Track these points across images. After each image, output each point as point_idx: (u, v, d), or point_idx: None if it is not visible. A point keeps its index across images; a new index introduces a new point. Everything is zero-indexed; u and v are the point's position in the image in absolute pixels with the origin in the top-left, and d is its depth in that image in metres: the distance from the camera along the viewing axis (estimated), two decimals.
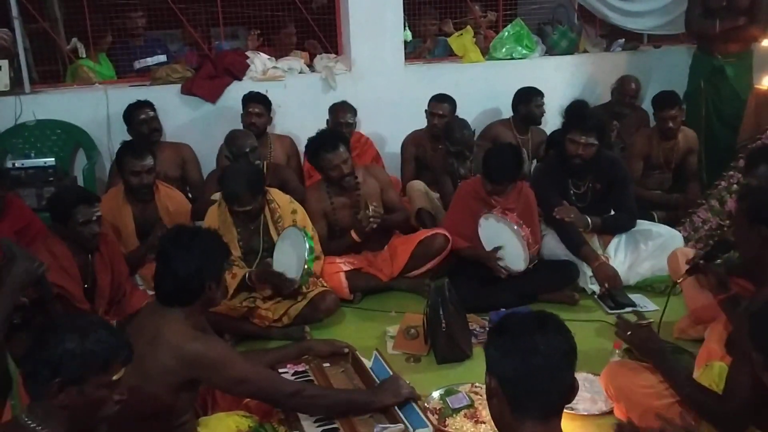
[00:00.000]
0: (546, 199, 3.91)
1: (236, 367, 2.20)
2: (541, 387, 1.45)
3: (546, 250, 3.89)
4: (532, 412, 1.46)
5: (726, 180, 4.25)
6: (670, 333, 3.26)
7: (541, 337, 1.47)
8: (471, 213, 3.79)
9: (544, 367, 1.44)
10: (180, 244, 2.25)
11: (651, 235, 3.86)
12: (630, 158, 4.55)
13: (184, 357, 2.13)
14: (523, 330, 1.49)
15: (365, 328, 3.51)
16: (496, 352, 1.50)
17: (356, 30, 4.96)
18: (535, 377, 1.44)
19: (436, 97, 4.74)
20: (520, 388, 1.46)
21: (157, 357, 2.13)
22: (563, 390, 1.48)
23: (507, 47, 5.32)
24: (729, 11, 4.81)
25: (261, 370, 2.31)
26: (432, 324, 3.14)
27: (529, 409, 1.46)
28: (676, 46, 5.61)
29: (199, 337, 2.19)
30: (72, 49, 4.80)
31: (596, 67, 5.45)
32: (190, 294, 2.22)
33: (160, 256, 2.29)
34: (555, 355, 1.46)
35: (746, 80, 4.96)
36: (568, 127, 3.82)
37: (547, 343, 1.46)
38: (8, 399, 2.25)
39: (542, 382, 1.45)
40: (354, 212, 3.89)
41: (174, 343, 2.13)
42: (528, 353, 1.45)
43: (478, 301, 3.56)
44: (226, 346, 2.31)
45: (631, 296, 3.72)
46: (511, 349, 1.47)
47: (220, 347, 2.24)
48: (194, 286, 2.22)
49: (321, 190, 3.91)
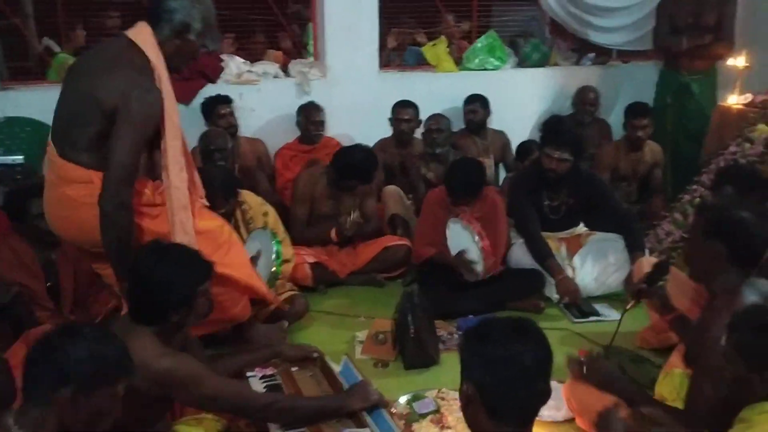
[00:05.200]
0: (519, 209, 3.97)
1: (207, 384, 2.16)
2: (520, 394, 1.45)
3: (513, 259, 3.94)
4: (510, 419, 1.47)
5: (690, 194, 4.36)
6: (632, 342, 3.33)
7: (520, 344, 1.47)
8: (439, 221, 3.84)
9: (524, 375, 1.45)
10: (155, 261, 2.17)
11: (618, 247, 3.92)
12: (597, 169, 4.64)
13: (152, 376, 2.07)
14: (503, 337, 1.48)
15: (334, 333, 3.53)
16: (475, 358, 1.49)
17: (332, 36, 4.99)
18: (514, 385, 1.45)
19: (401, 103, 4.80)
20: (499, 396, 1.45)
21: None
22: (539, 398, 1.50)
23: (480, 58, 5.39)
24: (696, 29, 4.95)
25: (231, 385, 2.29)
26: (400, 329, 3.17)
27: (507, 416, 1.47)
28: (644, 62, 5.73)
29: (167, 354, 2.13)
30: (44, 47, 4.75)
31: (566, 80, 5.54)
32: (158, 315, 2.16)
33: (132, 273, 2.23)
34: (533, 364, 1.46)
35: (711, 97, 5.10)
36: (544, 141, 3.90)
37: (526, 351, 1.46)
38: None
39: (521, 389, 1.45)
40: (334, 205, 3.99)
41: (143, 361, 2.04)
42: (507, 361, 1.45)
43: (446, 307, 3.59)
44: (196, 363, 2.23)
45: (596, 305, 3.79)
46: (489, 356, 1.46)
47: (189, 364, 2.18)
48: (163, 308, 2.15)
49: (319, 175, 3.98)
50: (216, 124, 4.47)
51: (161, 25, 2.50)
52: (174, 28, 2.51)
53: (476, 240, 3.63)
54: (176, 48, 2.53)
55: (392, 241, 4.14)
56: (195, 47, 2.58)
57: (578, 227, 4.13)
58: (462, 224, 3.70)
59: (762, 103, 4.53)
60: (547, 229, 3.98)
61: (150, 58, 2.47)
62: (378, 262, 4.07)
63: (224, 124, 4.49)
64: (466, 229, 3.68)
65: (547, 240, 3.93)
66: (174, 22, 2.50)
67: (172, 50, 2.52)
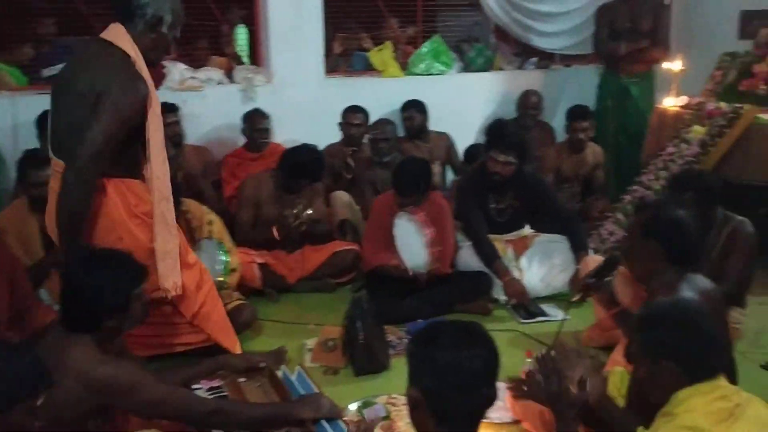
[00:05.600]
0: (466, 212, 4.01)
1: (149, 389, 2.11)
2: (467, 399, 1.45)
3: (461, 262, 3.97)
4: (456, 423, 1.47)
5: (631, 194, 4.48)
6: (578, 341, 3.39)
7: (469, 350, 1.46)
8: (386, 227, 3.84)
9: (471, 380, 1.44)
10: (85, 267, 2.12)
11: (563, 248, 3.98)
12: (541, 172, 4.72)
13: (92, 383, 2.02)
14: (450, 342, 1.47)
15: (283, 342, 3.46)
16: (421, 363, 1.48)
17: (276, 42, 4.96)
18: (461, 390, 1.44)
19: (351, 108, 4.81)
20: (446, 400, 1.45)
21: (63, 384, 2.01)
22: (486, 402, 1.50)
23: (425, 63, 5.43)
24: (633, 34, 5.09)
25: (175, 391, 2.24)
26: (350, 336, 3.16)
27: (454, 421, 1.46)
28: (586, 66, 5.86)
29: (107, 361, 2.08)
30: None
31: (510, 84, 5.62)
32: (91, 322, 2.10)
33: (63, 280, 2.17)
34: (480, 369, 1.46)
35: (649, 99, 5.24)
36: (489, 145, 3.94)
37: (474, 356, 1.46)
38: None
39: (467, 394, 1.45)
40: (280, 209, 3.98)
41: (81, 370, 2.01)
42: (454, 366, 1.44)
43: (395, 312, 3.60)
44: (137, 369, 2.19)
45: (542, 306, 3.84)
46: (437, 361, 1.45)
47: (130, 370, 2.13)
48: (97, 314, 2.09)
49: (265, 179, 3.94)
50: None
51: (135, 21, 2.57)
52: (147, 23, 2.58)
53: (421, 231, 3.65)
54: (151, 42, 2.59)
55: (341, 246, 4.13)
56: (168, 40, 2.66)
57: (524, 229, 4.19)
58: (407, 217, 3.71)
59: (697, 105, 4.68)
60: (493, 231, 4.04)
61: (129, 53, 2.52)
62: (327, 267, 4.07)
63: (170, 133, 4.34)
64: (411, 221, 3.70)
65: (493, 242, 3.98)
66: (147, 16, 2.57)
67: (148, 44, 2.58)
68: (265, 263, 3.91)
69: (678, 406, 1.78)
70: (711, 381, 1.75)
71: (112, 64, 2.51)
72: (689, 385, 1.75)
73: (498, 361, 1.52)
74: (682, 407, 1.77)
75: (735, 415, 1.77)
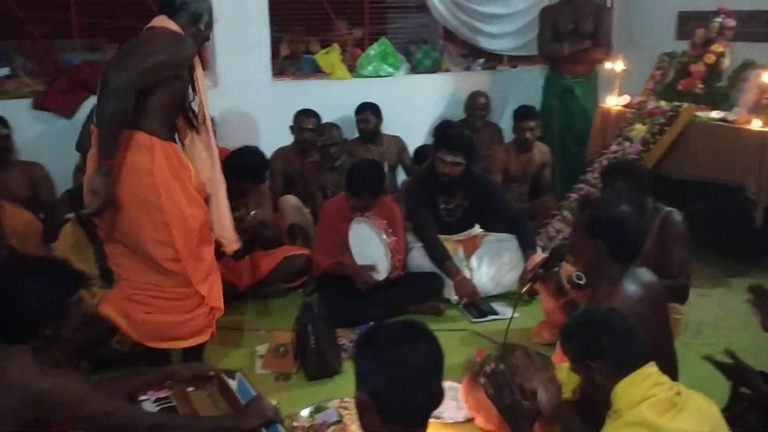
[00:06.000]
0: (416, 214, 4.02)
1: (90, 403, 2.05)
2: (412, 397, 1.45)
3: (412, 263, 3.99)
4: (403, 422, 1.47)
5: (577, 192, 4.57)
6: (527, 338, 3.44)
7: (410, 347, 1.47)
8: (337, 232, 3.83)
9: (414, 377, 1.45)
10: (17, 276, 2.04)
11: (512, 246, 4.04)
12: (490, 172, 4.77)
13: (29, 396, 1.95)
14: (391, 341, 1.48)
15: (233, 349, 3.44)
16: (366, 365, 1.49)
17: (222, 45, 4.89)
18: (405, 387, 1.45)
19: (304, 112, 4.76)
20: (391, 400, 1.45)
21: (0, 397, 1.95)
22: (432, 399, 1.50)
23: (373, 65, 5.43)
24: (576, 35, 5.18)
25: (118, 405, 2.18)
26: (301, 341, 3.14)
27: (400, 420, 1.47)
28: (531, 67, 5.95)
29: (45, 373, 2.00)
30: None
31: (458, 85, 5.67)
32: (27, 332, 2.03)
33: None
34: (424, 364, 1.47)
35: (593, 99, 5.35)
36: (437, 146, 3.97)
37: (416, 352, 1.47)
38: None
39: (412, 391, 1.45)
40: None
41: (19, 382, 1.94)
42: (398, 364, 1.45)
43: (347, 315, 3.59)
44: (79, 381, 2.12)
45: (493, 304, 3.88)
46: (380, 361, 1.46)
47: (71, 382, 2.06)
48: (31, 324, 2.02)
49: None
50: None
51: (179, 14, 2.84)
52: (189, 18, 2.86)
53: (383, 238, 3.64)
54: (193, 35, 2.86)
55: (292, 251, 4.09)
56: (204, 36, 2.95)
57: (474, 229, 4.23)
58: (366, 223, 3.71)
59: (638, 104, 4.80)
60: (444, 231, 4.06)
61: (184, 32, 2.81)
62: (278, 272, 4.00)
63: None
64: (371, 228, 3.69)
65: (444, 242, 4.01)
66: (189, 11, 2.85)
67: (190, 35, 2.84)
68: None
69: (620, 400, 1.82)
70: (641, 369, 1.85)
71: (160, 32, 2.78)
72: (622, 379, 1.85)
73: (441, 357, 1.53)
74: (623, 401, 1.81)
75: (678, 405, 1.82)
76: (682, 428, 1.77)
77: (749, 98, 4.37)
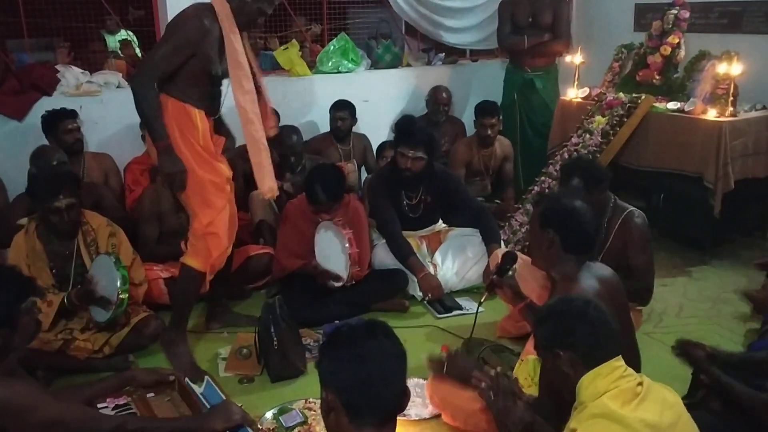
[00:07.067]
0: (379, 209, 3.99)
1: (46, 409, 2.01)
2: (377, 392, 1.47)
3: (376, 260, 3.96)
4: (369, 419, 1.47)
5: (539, 185, 4.59)
6: (493, 332, 3.43)
7: (372, 343, 1.50)
8: (301, 232, 3.79)
9: (379, 373, 1.47)
10: None
11: (475, 241, 4.03)
12: (452, 166, 4.76)
13: None
14: (353, 339, 1.51)
15: (195, 352, 3.36)
16: (330, 364, 1.50)
17: None
18: (370, 383, 1.46)
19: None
20: (357, 397, 1.46)
21: None
22: (397, 394, 1.51)
23: (333, 61, 5.38)
24: (534, 28, 5.19)
25: (75, 409, 2.14)
26: (264, 342, 3.09)
27: (366, 417, 1.47)
28: (492, 60, 5.96)
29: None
30: None
31: (419, 80, 5.65)
32: None
33: None
34: (387, 360, 1.49)
35: (553, 92, 5.38)
36: (398, 141, 3.94)
37: (378, 348, 1.49)
38: None
39: (377, 387, 1.47)
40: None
41: None
42: (362, 360, 1.47)
43: (310, 314, 3.54)
44: (32, 388, 2.09)
45: (458, 299, 3.88)
46: (344, 359, 1.48)
47: (24, 390, 2.02)
48: None
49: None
50: (60, 140, 4.13)
51: None
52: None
53: (345, 247, 3.60)
54: (237, 6, 2.97)
55: (255, 251, 4.03)
56: (252, 10, 3.01)
57: (437, 224, 4.22)
58: (334, 231, 3.67)
59: (597, 96, 4.84)
60: (407, 227, 4.04)
61: (216, 8, 2.95)
62: (241, 272, 3.91)
63: (70, 140, 4.16)
64: (337, 236, 3.65)
65: (408, 238, 3.98)
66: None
67: (235, 7, 2.97)
68: (171, 277, 3.69)
69: (585, 392, 1.82)
70: (608, 363, 1.84)
71: (181, 14, 2.96)
72: (589, 371, 1.84)
73: (404, 353, 1.55)
74: (588, 392, 1.81)
75: (641, 395, 1.83)
76: (645, 417, 1.77)
77: (704, 89, 4.43)
